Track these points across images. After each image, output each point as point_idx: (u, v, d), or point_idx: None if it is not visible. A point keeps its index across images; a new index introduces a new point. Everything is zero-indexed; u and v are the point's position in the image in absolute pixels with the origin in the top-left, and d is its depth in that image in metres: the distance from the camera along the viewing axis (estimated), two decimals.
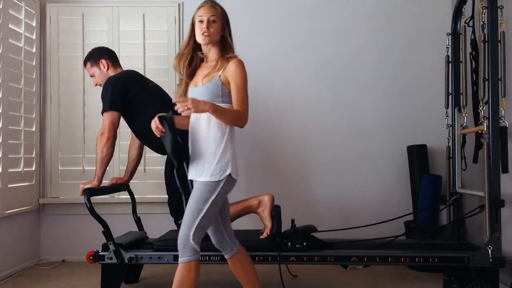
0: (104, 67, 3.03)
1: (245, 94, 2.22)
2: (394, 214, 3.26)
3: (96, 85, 3.11)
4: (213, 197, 2.17)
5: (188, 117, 2.31)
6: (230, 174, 2.19)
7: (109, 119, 2.82)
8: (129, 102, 2.88)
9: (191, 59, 2.29)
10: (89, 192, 2.69)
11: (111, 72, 3.03)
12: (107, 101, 2.84)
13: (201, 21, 2.22)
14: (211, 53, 2.28)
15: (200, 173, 2.21)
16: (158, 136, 2.18)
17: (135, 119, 2.94)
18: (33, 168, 3.71)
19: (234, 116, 2.19)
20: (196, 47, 2.29)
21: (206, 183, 2.18)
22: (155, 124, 2.15)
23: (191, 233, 2.15)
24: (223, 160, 2.19)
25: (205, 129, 2.21)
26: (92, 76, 3.10)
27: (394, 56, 3.88)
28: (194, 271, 2.16)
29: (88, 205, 2.65)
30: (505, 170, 2.61)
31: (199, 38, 2.24)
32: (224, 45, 2.27)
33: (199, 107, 2.08)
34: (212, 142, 2.20)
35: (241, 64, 2.22)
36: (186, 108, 2.07)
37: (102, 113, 2.85)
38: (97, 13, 3.87)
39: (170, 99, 3.11)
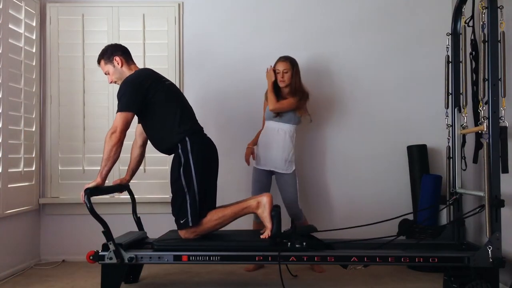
0: (118, 64, 3.01)
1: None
2: (394, 214, 3.26)
3: (111, 82, 3.10)
4: None
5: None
6: None
7: (123, 120, 2.81)
8: (147, 103, 2.88)
9: None
10: (89, 192, 2.69)
11: (125, 69, 3.02)
12: (123, 102, 2.83)
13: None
14: None
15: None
16: None
17: (150, 119, 2.95)
18: (33, 168, 3.71)
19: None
20: None
21: None
22: None
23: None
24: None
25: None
26: (106, 73, 3.07)
27: (394, 56, 3.88)
28: None
29: (88, 205, 2.65)
30: (505, 170, 2.61)
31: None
32: None
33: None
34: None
35: None
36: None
37: (117, 112, 2.83)
38: (97, 13, 3.87)
39: (183, 96, 3.13)
